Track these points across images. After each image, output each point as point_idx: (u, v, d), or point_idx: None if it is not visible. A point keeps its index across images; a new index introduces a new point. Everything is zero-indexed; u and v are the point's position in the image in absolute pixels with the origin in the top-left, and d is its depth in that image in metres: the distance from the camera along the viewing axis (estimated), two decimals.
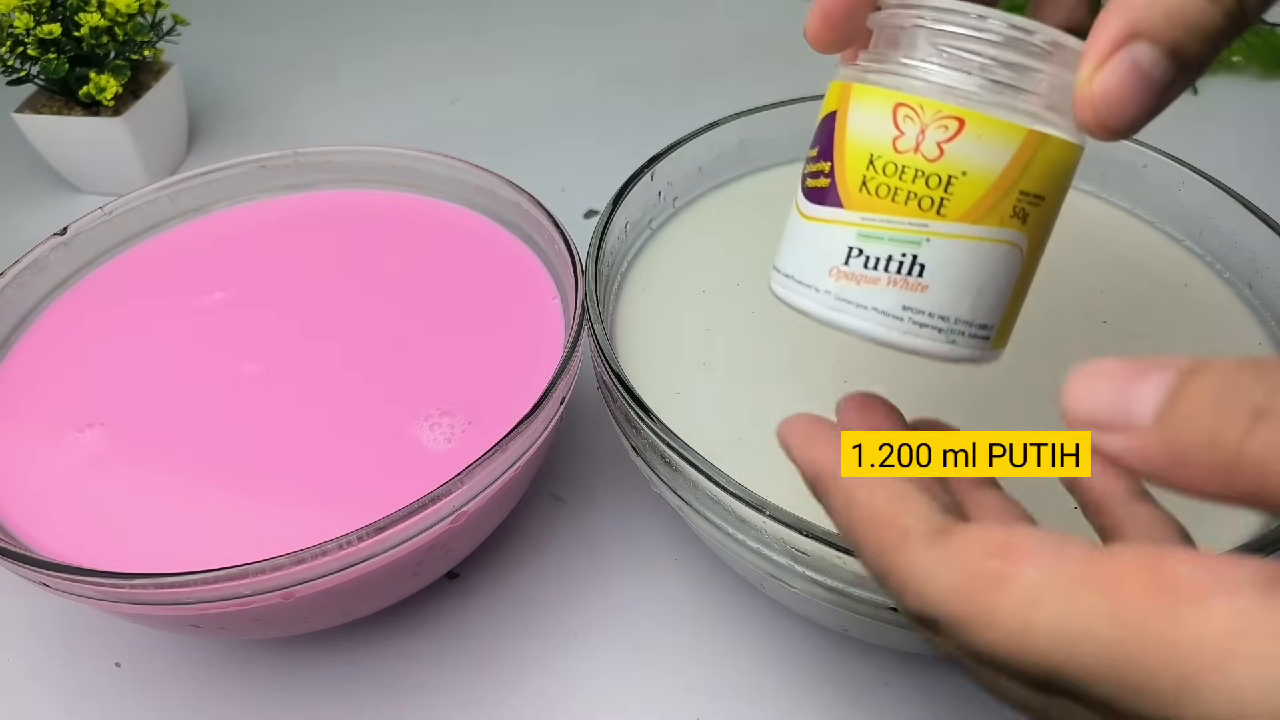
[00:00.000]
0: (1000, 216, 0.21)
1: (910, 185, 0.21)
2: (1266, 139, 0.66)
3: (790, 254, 0.24)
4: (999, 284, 0.22)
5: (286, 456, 0.35)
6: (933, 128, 0.21)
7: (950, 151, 0.21)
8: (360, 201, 0.47)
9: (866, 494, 0.19)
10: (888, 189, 0.21)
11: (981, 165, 0.21)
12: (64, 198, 0.63)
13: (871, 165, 0.21)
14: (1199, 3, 0.18)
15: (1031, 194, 0.21)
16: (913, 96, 0.21)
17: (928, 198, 0.21)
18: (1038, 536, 0.16)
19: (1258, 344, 0.39)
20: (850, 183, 0.22)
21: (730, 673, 0.36)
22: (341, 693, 0.36)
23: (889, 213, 0.21)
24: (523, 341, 0.39)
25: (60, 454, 0.35)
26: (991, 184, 0.21)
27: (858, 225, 0.22)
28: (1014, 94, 0.21)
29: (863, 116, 0.22)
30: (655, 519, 0.41)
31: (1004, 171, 0.21)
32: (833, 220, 0.22)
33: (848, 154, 0.22)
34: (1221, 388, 0.15)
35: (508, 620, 0.38)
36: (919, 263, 0.21)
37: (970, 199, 0.21)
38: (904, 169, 0.21)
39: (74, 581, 0.28)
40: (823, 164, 0.23)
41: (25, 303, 0.41)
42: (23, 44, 0.55)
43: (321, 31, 0.85)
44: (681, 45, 0.79)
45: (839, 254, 0.22)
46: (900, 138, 0.21)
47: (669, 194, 0.45)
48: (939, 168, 0.21)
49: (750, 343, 0.39)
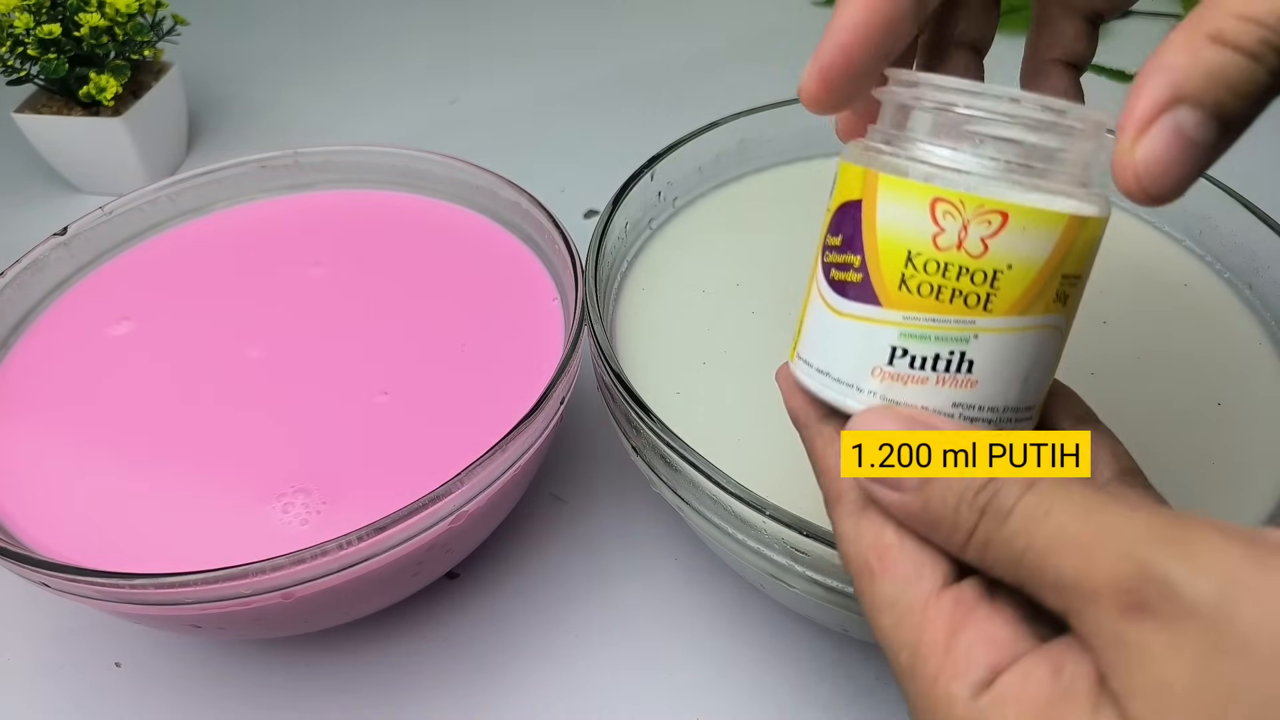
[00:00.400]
0: (1045, 304, 0.21)
1: (955, 283, 0.20)
2: (1266, 139, 0.65)
3: (821, 348, 0.23)
4: (1043, 367, 0.22)
5: (286, 456, 0.35)
6: (975, 223, 0.20)
7: (995, 246, 0.20)
8: (360, 201, 0.47)
9: (822, 446, 0.22)
10: (930, 287, 0.20)
11: (1027, 257, 0.20)
12: (64, 198, 0.63)
13: (910, 263, 0.20)
14: (1241, 61, 0.18)
15: (1072, 275, 0.21)
16: (952, 191, 0.20)
17: (974, 294, 0.20)
18: (909, 553, 0.20)
19: (1257, 344, 0.39)
20: (888, 280, 0.21)
21: (730, 673, 0.36)
22: (341, 693, 0.36)
23: (934, 311, 0.20)
24: (523, 341, 0.39)
25: (60, 454, 0.35)
26: (1036, 274, 0.20)
27: (900, 325, 0.21)
28: (1051, 178, 0.20)
29: (896, 210, 0.21)
30: (655, 519, 0.41)
31: (1048, 260, 0.20)
32: (871, 319, 0.21)
33: (881, 250, 0.21)
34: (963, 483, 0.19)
35: (508, 620, 0.38)
36: (967, 359, 0.21)
37: (1017, 292, 0.20)
38: (946, 266, 0.20)
39: (74, 581, 0.28)
40: (851, 257, 0.21)
41: (25, 303, 0.41)
42: (23, 44, 0.55)
43: (322, 32, 0.85)
44: (681, 45, 0.79)
45: (881, 354, 0.21)
46: (941, 234, 0.20)
47: (669, 194, 0.45)
48: (984, 263, 0.20)
49: (750, 343, 0.39)
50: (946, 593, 0.19)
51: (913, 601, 0.19)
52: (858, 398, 0.22)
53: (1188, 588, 0.15)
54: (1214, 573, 0.15)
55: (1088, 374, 0.37)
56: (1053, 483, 0.18)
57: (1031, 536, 0.17)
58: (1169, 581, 0.15)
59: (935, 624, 0.19)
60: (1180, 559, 0.15)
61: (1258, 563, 0.14)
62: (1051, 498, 0.17)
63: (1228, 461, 0.34)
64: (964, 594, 0.19)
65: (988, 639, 0.18)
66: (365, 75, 0.78)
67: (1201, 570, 0.15)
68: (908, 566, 0.20)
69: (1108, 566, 0.16)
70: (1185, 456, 0.34)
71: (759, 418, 0.36)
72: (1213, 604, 0.14)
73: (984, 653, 0.18)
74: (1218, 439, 0.35)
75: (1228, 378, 0.37)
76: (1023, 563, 0.17)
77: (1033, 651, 0.17)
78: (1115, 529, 0.16)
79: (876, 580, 0.20)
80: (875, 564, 0.20)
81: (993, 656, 0.18)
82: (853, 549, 0.21)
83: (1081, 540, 0.16)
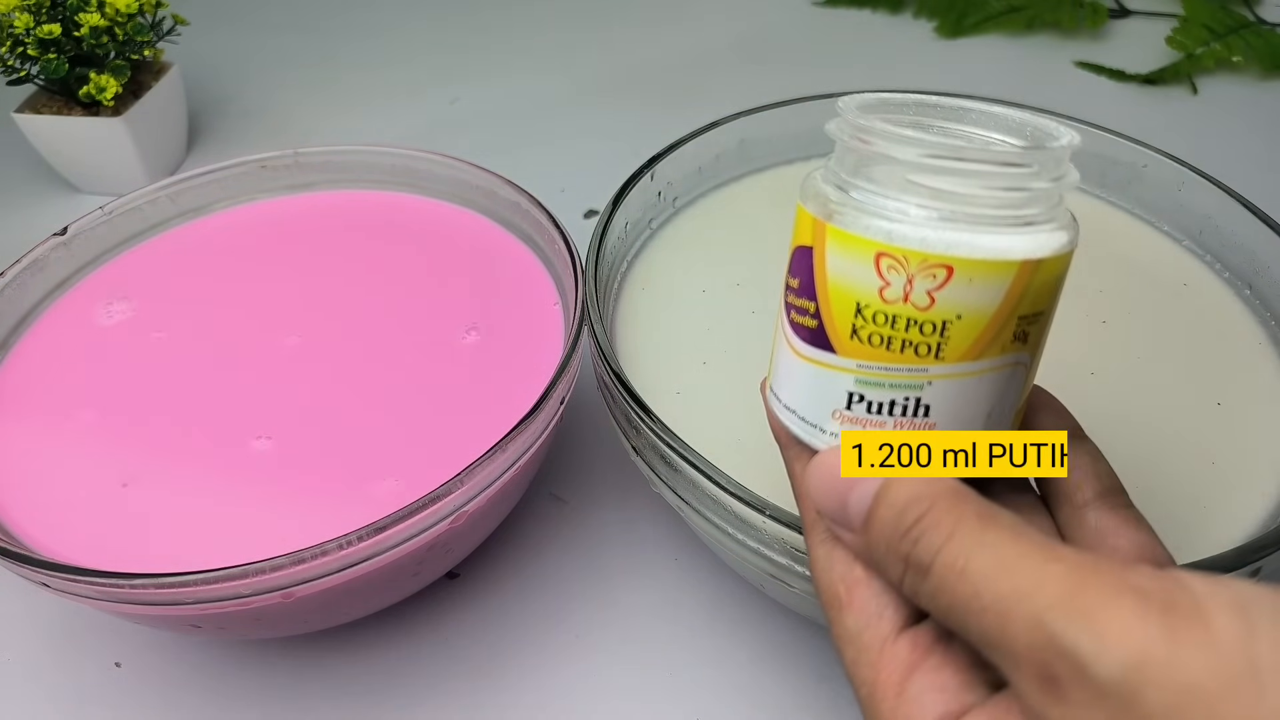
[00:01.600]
0: (1001, 346, 0.20)
1: (904, 334, 0.20)
2: (1266, 139, 0.66)
3: (787, 385, 0.23)
4: (1006, 402, 0.21)
5: (286, 456, 0.35)
6: (920, 277, 0.19)
7: (941, 299, 0.19)
8: (360, 201, 0.47)
9: (800, 470, 0.23)
10: (880, 338, 0.20)
11: (976, 307, 0.20)
12: (64, 198, 0.63)
13: (860, 314, 0.20)
14: None
15: (1030, 315, 0.20)
16: (894, 247, 0.20)
17: (924, 344, 0.20)
18: (874, 591, 0.20)
19: (1257, 344, 0.39)
20: (840, 329, 0.21)
21: (730, 673, 0.36)
22: (341, 693, 0.36)
23: (885, 360, 0.20)
24: (523, 341, 0.39)
25: (60, 454, 0.35)
26: (988, 322, 0.20)
27: (855, 372, 0.21)
28: (999, 225, 0.20)
29: (842, 262, 0.20)
30: (655, 519, 0.41)
31: (999, 308, 0.20)
32: (827, 365, 0.21)
33: (832, 300, 0.21)
34: (891, 528, 0.19)
35: (508, 620, 0.38)
36: (923, 404, 0.21)
37: (968, 340, 0.20)
38: (894, 318, 0.20)
39: (74, 581, 0.28)
40: (807, 302, 0.22)
41: (25, 303, 0.41)
42: (23, 44, 0.55)
43: (322, 31, 0.85)
44: (681, 45, 0.79)
45: (839, 399, 0.21)
46: (886, 288, 0.20)
47: (669, 194, 0.45)
48: (931, 315, 0.20)
49: (750, 343, 0.39)
50: (904, 635, 0.20)
51: (872, 640, 0.20)
52: (822, 438, 0.22)
53: (1096, 666, 0.14)
54: (1122, 649, 0.14)
55: (1088, 374, 0.37)
56: (970, 533, 0.17)
57: (951, 595, 0.17)
58: (1078, 656, 0.15)
59: (890, 666, 0.19)
60: (1088, 632, 0.15)
61: (1168, 636, 0.14)
62: (968, 553, 0.17)
63: (1228, 461, 0.34)
64: (920, 637, 0.19)
65: (938, 687, 0.19)
66: (365, 75, 0.78)
67: (1110, 646, 0.14)
68: (871, 604, 0.20)
69: (1022, 634, 0.16)
70: (1185, 456, 0.34)
71: (759, 418, 0.36)
72: (1119, 684, 0.14)
73: (934, 701, 0.18)
74: (1218, 439, 0.35)
75: (1228, 378, 0.37)
76: (949, 617, 0.18)
77: (978, 707, 0.18)
78: (1028, 591, 0.16)
79: (843, 612, 0.20)
80: (844, 596, 0.20)
81: (940, 707, 0.18)
82: (824, 578, 0.21)
83: (996, 603, 0.16)
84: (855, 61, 0.78)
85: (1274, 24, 0.76)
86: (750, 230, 0.45)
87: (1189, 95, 0.70)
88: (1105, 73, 0.73)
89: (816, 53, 0.79)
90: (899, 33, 0.81)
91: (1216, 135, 0.65)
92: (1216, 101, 0.70)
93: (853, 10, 0.84)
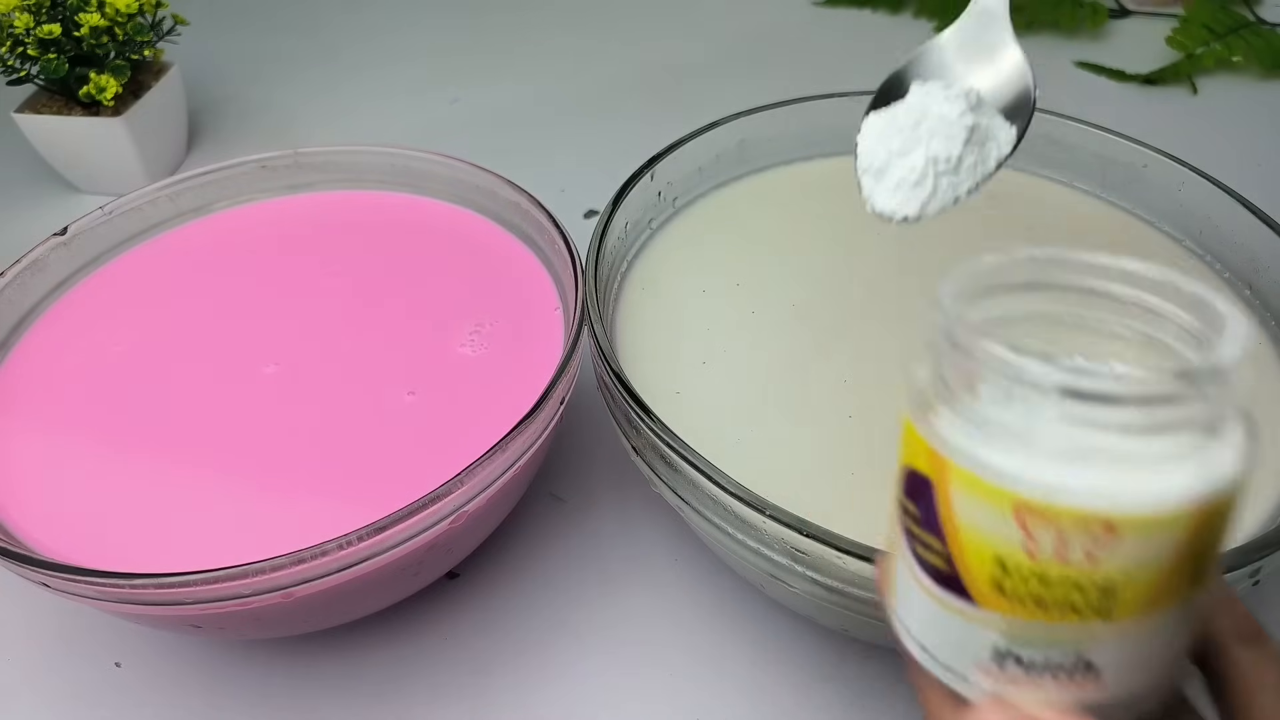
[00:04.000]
0: (1177, 593, 0.17)
1: (1062, 595, 0.17)
2: (1266, 139, 0.65)
3: (919, 621, 0.20)
4: (1179, 641, 0.19)
5: (286, 456, 0.35)
6: (1074, 535, 0.16)
7: (1105, 559, 0.16)
8: (360, 201, 0.47)
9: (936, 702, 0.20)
10: (1033, 598, 0.17)
11: (1147, 561, 0.17)
12: (64, 198, 0.63)
13: (1004, 569, 0.17)
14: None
15: (1206, 555, 0.17)
16: (1039, 503, 0.16)
17: (1088, 606, 0.17)
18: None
19: (1257, 344, 0.39)
20: (979, 582, 0.18)
21: (730, 673, 0.36)
22: (341, 693, 0.36)
23: (1040, 618, 0.17)
24: (523, 341, 0.39)
25: (60, 454, 0.35)
26: (1163, 575, 0.17)
27: (1003, 629, 0.18)
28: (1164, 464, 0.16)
29: (975, 510, 0.17)
30: (655, 519, 0.41)
31: (1175, 557, 0.17)
32: (967, 615, 0.18)
33: (966, 548, 0.18)
34: None
35: (508, 620, 0.38)
36: (1085, 660, 0.18)
37: (1141, 596, 0.17)
38: (1047, 577, 0.17)
39: (74, 581, 0.28)
40: (933, 539, 0.18)
41: (25, 303, 0.41)
42: (23, 44, 0.55)
43: (322, 32, 0.85)
44: (681, 46, 0.79)
45: (984, 653, 0.18)
46: (1034, 545, 0.17)
47: (669, 194, 0.45)
48: (1095, 576, 0.17)
49: (750, 343, 0.39)
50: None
51: None
52: (966, 688, 0.19)
53: None
54: None
55: None
56: None
57: None
58: None
59: None
60: None
61: None
62: None
63: None
64: None
65: None
66: (365, 75, 0.78)
67: None
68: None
69: None
70: None
71: (759, 418, 0.36)
72: None
73: None
74: None
75: None
76: None
77: None
78: None
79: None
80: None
81: None
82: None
83: None
84: (855, 61, 0.78)
85: (1274, 24, 0.76)
86: (750, 230, 0.45)
87: (1189, 95, 0.70)
88: (1105, 73, 0.73)
89: (816, 53, 0.79)
90: (899, 33, 0.81)
91: (1216, 135, 0.65)
92: (1216, 101, 0.69)
93: (853, 10, 0.84)
